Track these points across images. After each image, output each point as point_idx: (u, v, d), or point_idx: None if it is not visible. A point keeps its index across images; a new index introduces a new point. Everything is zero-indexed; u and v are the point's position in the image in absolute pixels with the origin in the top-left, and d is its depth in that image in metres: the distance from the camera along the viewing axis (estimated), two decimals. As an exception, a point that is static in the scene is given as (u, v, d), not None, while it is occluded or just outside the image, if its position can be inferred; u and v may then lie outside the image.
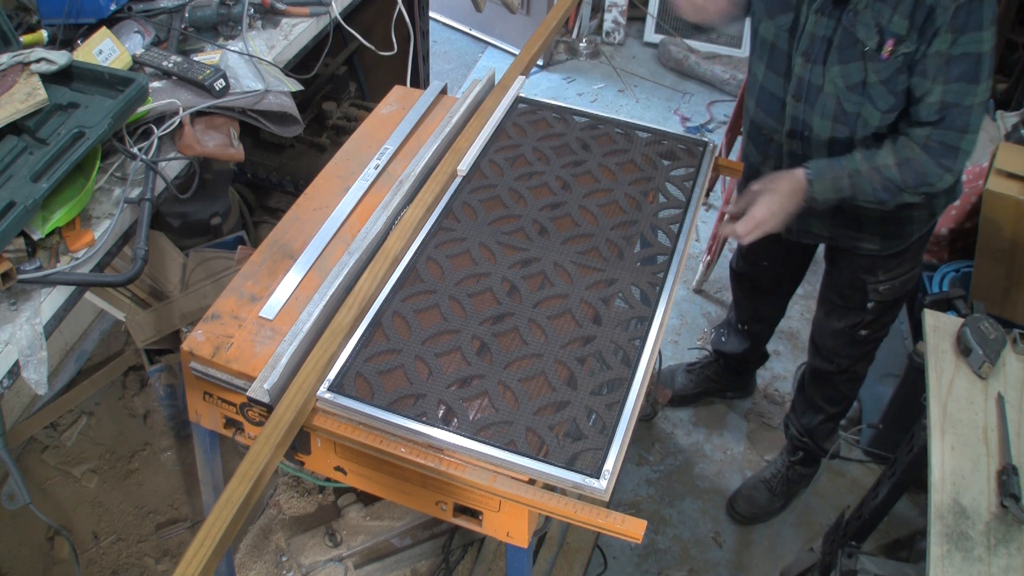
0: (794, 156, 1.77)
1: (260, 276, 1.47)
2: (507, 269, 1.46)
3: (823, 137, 1.69)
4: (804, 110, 1.69)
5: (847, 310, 2.01)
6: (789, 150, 1.78)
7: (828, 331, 2.10)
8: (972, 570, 1.34)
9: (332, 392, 1.25)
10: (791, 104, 1.70)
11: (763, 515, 2.42)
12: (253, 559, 1.91)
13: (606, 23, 4.24)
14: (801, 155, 1.75)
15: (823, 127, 1.68)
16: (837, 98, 1.62)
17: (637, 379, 1.28)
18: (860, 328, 2.03)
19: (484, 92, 1.82)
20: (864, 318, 2.00)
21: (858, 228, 1.84)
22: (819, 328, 2.15)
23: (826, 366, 2.16)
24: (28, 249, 1.35)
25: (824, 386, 2.23)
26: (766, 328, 2.48)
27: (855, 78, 1.57)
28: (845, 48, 1.56)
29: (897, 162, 1.59)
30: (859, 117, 1.62)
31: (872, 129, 1.63)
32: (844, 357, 2.12)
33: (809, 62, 1.62)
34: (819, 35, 1.59)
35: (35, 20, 1.73)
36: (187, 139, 1.56)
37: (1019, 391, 1.58)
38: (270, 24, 1.91)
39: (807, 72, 1.63)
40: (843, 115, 1.63)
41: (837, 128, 1.66)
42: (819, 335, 2.16)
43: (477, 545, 1.94)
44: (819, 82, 1.63)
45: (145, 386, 2.52)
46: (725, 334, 2.58)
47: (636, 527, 1.14)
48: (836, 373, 2.17)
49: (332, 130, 2.75)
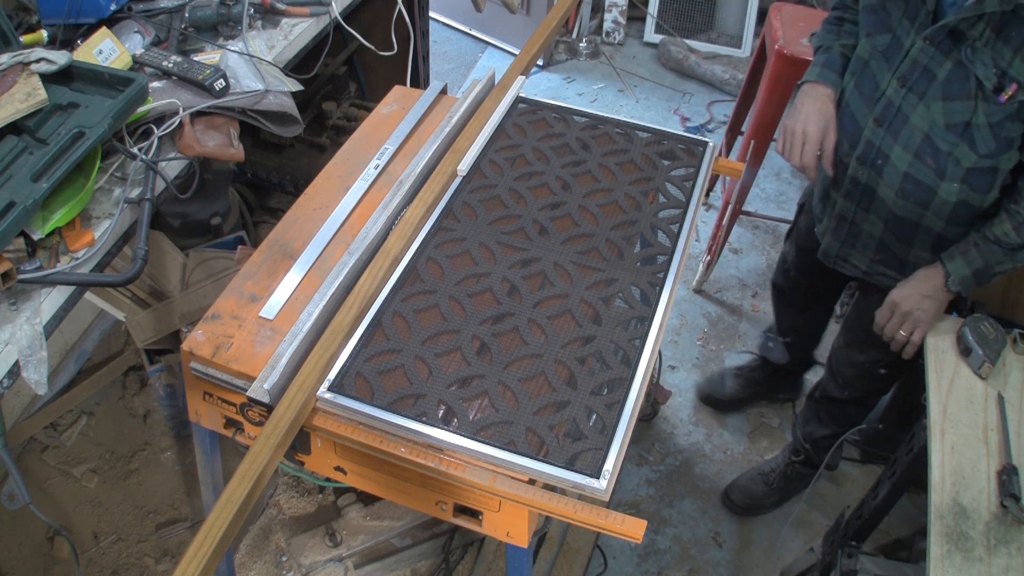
0: (856, 183, 1.71)
1: (260, 276, 1.47)
2: (507, 269, 1.46)
3: (900, 169, 1.60)
4: (884, 137, 1.61)
5: (870, 346, 1.91)
6: (854, 175, 1.70)
7: (847, 361, 2.03)
8: (972, 570, 1.34)
9: (332, 392, 1.25)
10: (870, 128, 1.62)
11: (756, 508, 2.42)
12: (253, 559, 1.91)
13: (606, 23, 4.24)
14: (865, 184, 1.69)
15: (902, 159, 1.59)
16: (927, 133, 1.54)
17: (637, 379, 1.28)
18: (880, 366, 1.97)
19: (484, 92, 1.82)
20: (887, 358, 1.89)
21: (899, 270, 1.76)
22: (837, 355, 2.09)
23: (839, 394, 2.11)
24: (28, 249, 1.35)
25: (833, 407, 2.19)
26: (807, 342, 2.44)
27: (959, 117, 1.48)
28: (954, 83, 1.47)
29: (1016, 228, 1.52)
30: (950, 157, 1.53)
31: (961, 173, 1.54)
32: (859, 390, 2.07)
33: (904, 88, 1.54)
34: (922, 64, 1.50)
35: (35, 20, 1.73)
36: (187, 139, 1.56)
37: (1019, 391, 1.58)
38: (270, 24, 1.91)
39: (899, 98, 1.56)
40: (931, 151, 1.55)
41: (916, 164, 1.58)
42: (836, 362, 2.09)
43: (477, 545, 1.94)
44: (909, 112, 1.55)
45: (145, 386, 2.52)
46: (771, 342, 2.56)
47: (636, 527, 1.14)
48: (848, 401, 2.12)
49: (332, 130, 2.75)
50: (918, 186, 1.61)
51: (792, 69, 2.40)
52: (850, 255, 1.84)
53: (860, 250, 1.81)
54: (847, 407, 2.17)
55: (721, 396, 2.66)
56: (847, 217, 1.79)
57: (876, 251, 1.78)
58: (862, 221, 1.76)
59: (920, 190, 1.61)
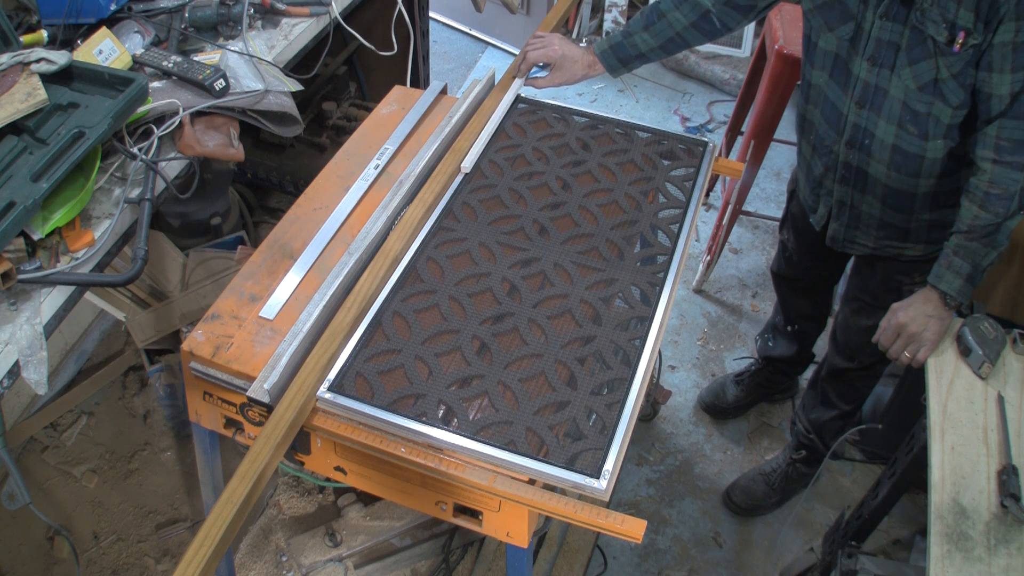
0: (849, 167, 1.77)
1: (260, 276, 1.47)
2: (507, 269, 1.46)
3: (887, 143, 1.67)
4: (867, 117, 1.68)
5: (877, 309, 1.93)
6: (845, 160, 1.77)
7: (854, 329, 2.08)
8: (972, 570, 1.34)
9: (332, 392, 1.25)
10: (853, 112, 1.69)
11: (757, 508, 2.42)
12: (253, 559, 1.91)
13: (606, 23, 4.24)
14: (856, 167, 1.75)
15: (888, 132, 1.66)
16: (904, 101, 1.61)
17: (637, 379, 1.28)
18: None
19: (484, 92, 1.82)
20: None
21: (903, 239, 1.83)
22: (843, 327, 2.13)
23: (846, 364, 2.16)
24: (28, 249, 1.35)
25: (841, 383, 2.22)
26: (814, 327, 2.47)
27: (926, 77, 1.56)
28: (914, 48, 1.55)
29: (980, 204, 1.56)
30: (929, 117, 1.60)
31: (943, 130, 1.61)
32: (867, 355, 2.10)
33: (876, 66, 1.61)
34: (885, 39, 1.58)
35: (35, 20, 1.73)
36: (187, 139, 1.56)
37: (1019, 391, 1.58)
38: (270, 24, 1.91)
39: (873, 77, 1.62)
40: (912, 117, 1.62)
41: (902, 134, 1.65)
42: (842, 333, 2.14)
43: (477, 545, 1.94)
44: (885, 86, 1.62)
45: (145, 386, 2.52)
46: (771, 339, 2.56)
47: (636, 527, 1.14)
48: (855, 370, 2.16)
49: (332, 130, 2.75)
50: (907, 156, 1.67)
51: (792, 69, 2.40)
52: (856, 236, 1.90)
53: (864, 230, 1.87)
54: (855, 380, 2.19)
55: (723, 404, 2.66)
56: (846, 202, 1.84)
57: (879, 228, 1.84)
58: (860, 203, 1.82)
59: (909, 160, 1.67)
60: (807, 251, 2.19)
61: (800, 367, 2.62)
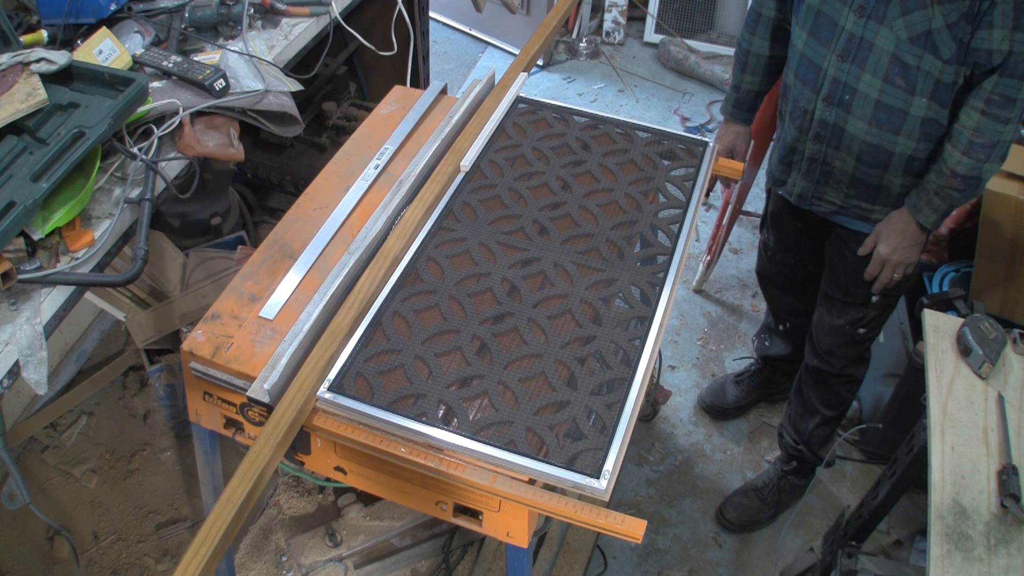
0: (825, 124, 1.78)
1: (260, 276, 1.47)
2: (507, 269, 1.46)
3: (871, 98, 1.68)
4: (849, 71, 1.68)
5: (849, 305, 2.03)
6: (821, 118, 1.77)
7: (827, 328, 2.11)
8: (972, 570, 1.34)
9: (332, 392, 1.25)
10: (834, 66, 1.70)
11: (752, 524, 2.42)
12: (253, 559, 1.91)
13: (606, 23, 4.24)
14: (833, 123, 1.76)
15: (872, 87, 1.67)
16: (893, 53, 1.61)
17: (637, 379, 1.28)
18: (860, 325, 2.04)
19: (484, 92, 1.82)
20: (867, 314, 2.01)
21: (872, 199, 1.85)
22: (818, 326, 2.16)
23: (822, 365, 2.18)
24: (28, 249, 1.35)
25: (821, 388, 2.23)
26: (805, 323, 2.47)
27: (920, 27, 1.56)
28: None
29: (964, 151, 1.63)
30: (919, 71, 1.61)
31: (931, 86, 1.62)
32: (840, 358, 2.13)
33: (863, 17, 1.62)
34: None
35: (35, 20, 1.73)
36: (187, 139, 1.56)
37: (1019, 391, 1.58)
38: (270, 24, 1.91)
39: (860, 28, 1.63)
40: (901, 70, 1.62)
41: (888, 88, 1.66)
42: (818, 332, 2.17)
43: (477, 545, 1.94)
44: (872, 38, 1.62)
45: (145, 386, 2.52)
46: (767, 340, 2.57)
47: (636, 527, 1.14)
48: (834, 375, 2.17)
49: (332, 130, 2.75)
50: (890, 112, 1.69)
51: (792, 69, 2.40)
52: (824, 193, 1.91)
53: (834, 186, 1.88)
54: (835, 386, 2.21)
55: (723, 404, 2.66)
56: (818, 159, 1.86)
57: (849, 185, 1.86)
58: (833, 159, 1.84)
59: (892, 116, 1.69)
60: (788, 248, 2.22)
61: (798, 365, 2.63)
